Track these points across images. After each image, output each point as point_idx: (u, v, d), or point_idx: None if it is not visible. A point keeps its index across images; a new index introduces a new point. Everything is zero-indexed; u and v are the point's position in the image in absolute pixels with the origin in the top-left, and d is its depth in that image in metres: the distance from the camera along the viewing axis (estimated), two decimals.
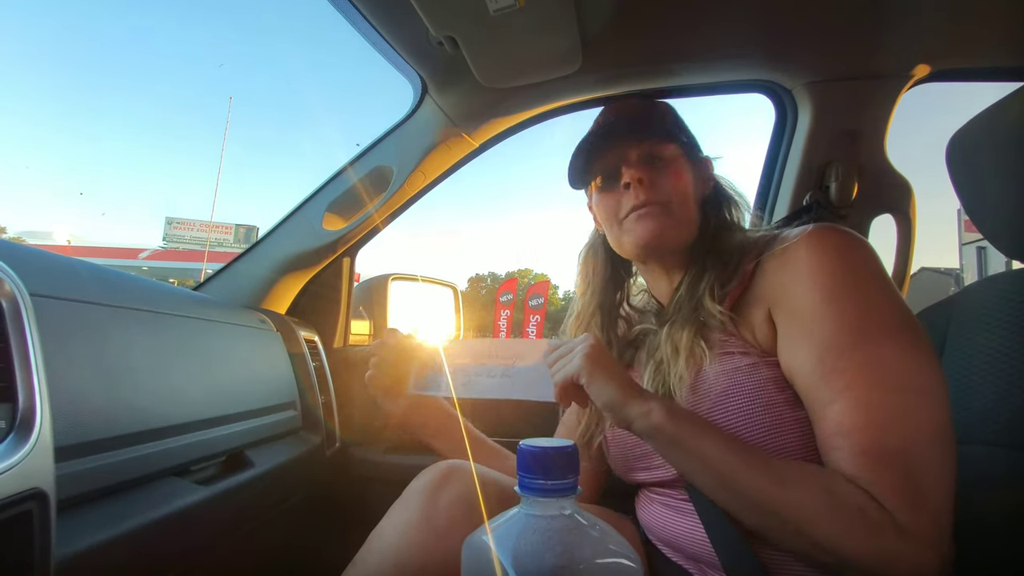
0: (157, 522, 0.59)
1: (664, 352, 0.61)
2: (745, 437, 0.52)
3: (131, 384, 0.63)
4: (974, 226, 0.70)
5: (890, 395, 0.46)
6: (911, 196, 1.02)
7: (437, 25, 0.79)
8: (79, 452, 0.54)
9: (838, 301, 0.50)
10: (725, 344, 0.56)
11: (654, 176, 0.64)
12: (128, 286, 0.71)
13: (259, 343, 0.99)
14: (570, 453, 0.29)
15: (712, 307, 0.57)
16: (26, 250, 0.60)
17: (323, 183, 1.16)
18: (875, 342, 0.48)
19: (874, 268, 0.52)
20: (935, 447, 0.45)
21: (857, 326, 0.48)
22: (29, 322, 0.45)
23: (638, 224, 0.64)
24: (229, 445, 0.79)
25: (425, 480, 0.59)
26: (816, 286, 0.51)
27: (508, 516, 0.29)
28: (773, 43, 0.93)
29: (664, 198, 0.64)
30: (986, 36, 0.89)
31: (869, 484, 0.44)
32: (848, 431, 0.46)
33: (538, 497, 0.28)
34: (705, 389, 0.55)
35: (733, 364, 0.55)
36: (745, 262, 0.59)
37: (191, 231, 23.88)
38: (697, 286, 0.61)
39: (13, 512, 0.42)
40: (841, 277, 0.50)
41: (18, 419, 0.43)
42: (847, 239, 0.53)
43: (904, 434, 0.45)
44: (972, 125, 0.69)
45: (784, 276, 0.54)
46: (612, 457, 0.70)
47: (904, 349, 0.47)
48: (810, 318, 0.50)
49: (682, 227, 0.65)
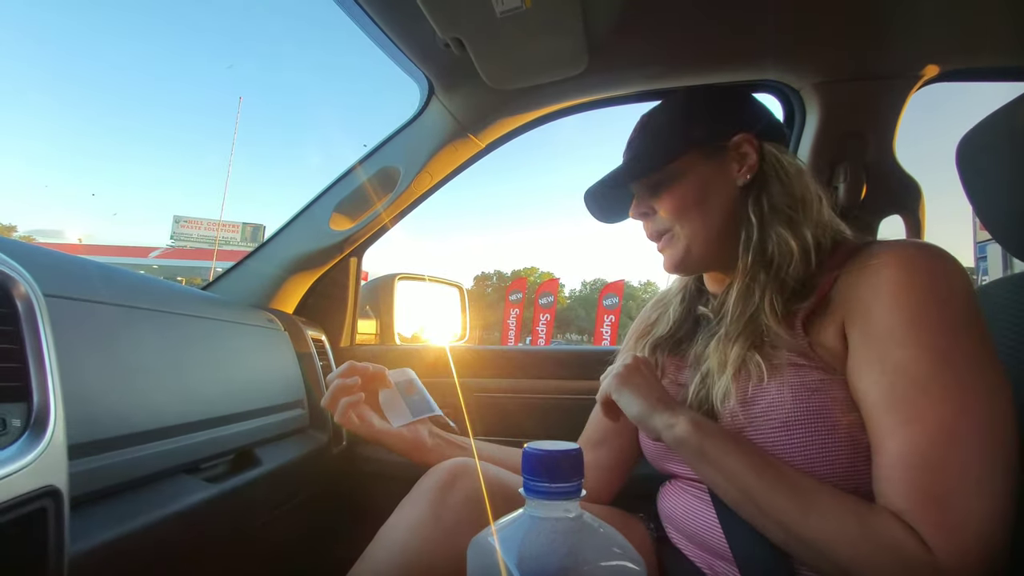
0: (168, 519, 0.60)
1: (711, 364, 0.58)
2: (800, 458, 0.50)
3: (142, 383, 0.64)
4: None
5: (959, 435, 0.43)
6: (920, 197, 1.01)
7: (444, 27, 0.79)
8: (92, 450, 0.55)
9: (921, 326, 0.46)
10: (792, 358, 0.53)
11: (657, 204, 0.64)
12: (139, 286, 0.72)
13: (267, 342, 1.00)
14: (575, 456, 0.29)
15: (777, 327, 0.53)
16: (40, 251, 0.62)
17: (331, 183, 1.17)
18: (954, 375, 0.45)
19: (964, 295, 0.47)
20: (995, 489, 0.42)
21: (938, 355, 0.45)
22: (43, 322, 0.46)
23: (663, 255, 0.66)
24: (238, 443, 0.80)
25: (434, 479, 0.60)
26: (899, 307, 0.47)
27: (513, 518, 0.30)
28: (781, 43, 0.92)
29: (667, 226, 0.63)
30: (996, 36, 0.88)
31: (917, 521, 0.42)
32: (906, 464, 0.44)
33: (543, 500, 0.28)
34: (765, 406, 0.52)
35: (799, 379, 0.51)
36: (821, 277, 0.54)
37: (198, 229, 24.08)
38: (749, 299, 0.57)
39: (28, 509, 0.42)
40: (927, 300, 0.47)
41: (33, 418, 0.44)
42: (940, 260, 0.49)
43: (966, 477, 0.42)
44: (982, 126, 0.68)
45: (864, 291, 0.50)
46: (646, 446, 0.70)
47: (982, 386, 0.44)
48: (888, 339, 0.47)
49: (706, 242, 0.61)
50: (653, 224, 0.64)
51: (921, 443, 0.44)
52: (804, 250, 0.55)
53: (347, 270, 1.30)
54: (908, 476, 0.44)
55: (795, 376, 0.51)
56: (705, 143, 0.62)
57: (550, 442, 0.31)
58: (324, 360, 1.15)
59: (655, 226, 0.64)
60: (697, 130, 0.63)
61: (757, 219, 0.59)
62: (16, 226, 36.61)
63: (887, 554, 0.42)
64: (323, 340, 1.21)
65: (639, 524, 0.69)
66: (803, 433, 0.50)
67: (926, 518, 0.42)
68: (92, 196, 59.76)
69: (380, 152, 1.13)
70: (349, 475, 1.18)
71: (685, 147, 0.62)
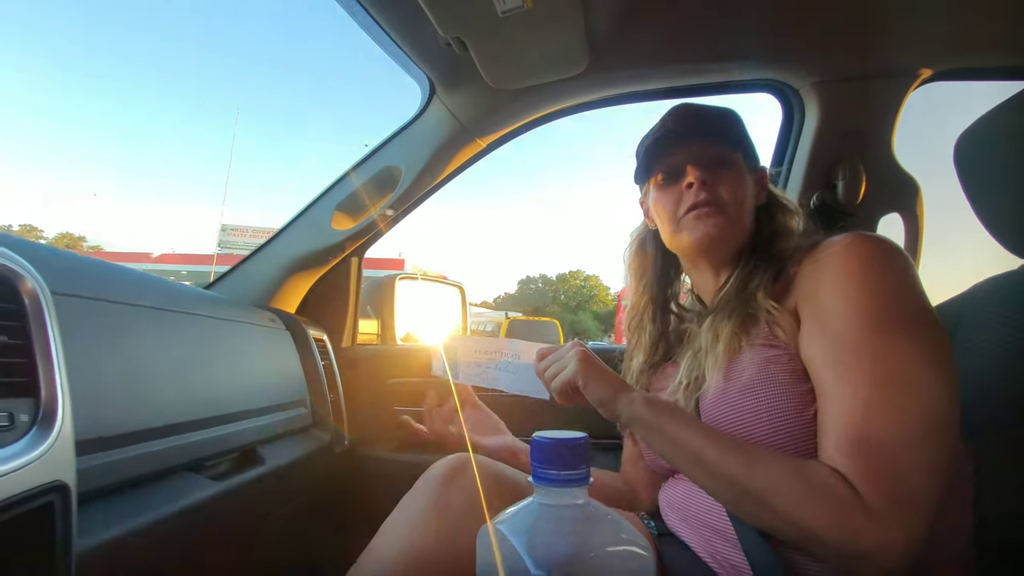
0: (173, 516, 0.60)
1: (704, 340, 0.63)
2: (768, 424, 0.54)
3: (148, 380, 0.64)
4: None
5: (885, 389, 0.48)
6: (919, 195, 1.02)
7: (445, 27, 0.80)
8: (99, 446, 0.55)
9: (855, 298, 0.52)
10: (765, 337, 0.59)
11: (716, 178, 0.66)
12: (144, 285, 0.73)
13: (270, 341, 1.00)
14: (581, 445, 0.29)
15: (764, 301, 0.60)
16: (47, 249, 0.62)
17: (332, 183, 1.17)
18: (882, 337, 0.49)
19: (900, 273, 0.53)
20: (922, 442, 0.46)
21: (868, 321, 0.50)
22: (51, 319, 0.46)
23: (697, 223, 0.66)
24: (241, 442, 0.80)
25: (437, 472, 0.61)
26: (839, 284, 0.54)
27: (522, 506, 0.30)
28: (780, 43, 0.93)
29: (724, 201, 0.66)
30: (993, 35, 0.89)
31: (846, 468, 0.47)
32: (838, 418, 0.49)
33: (551, 487, 0.29)
34: (736, 375, 0.58)
35: (768, 355, 0.57)
36: (791, 265, 0.62)
37: (244, 237, 24.33)
38: (749, 282, 0.63)
39: (37, 503, 0.43)
40: (862, 277, 0.53)
41: (40, 413, 0.44)
42: (878, 245, 0.55)
43: (891, 427, 0.47)
44: (980, 124, 0.69)
45: (814, 276, 0.57)
46: (643, 447, 0.73)
47: (911, 346, 0.49)
48: (828, 313, 0.53)
49: (737, 229, 0.67)
50: (707, 191, 0.65)
51: (853, 400, 0.48)
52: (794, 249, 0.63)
53: (348, 270, 1.30)
54: (841, 429, 0.48)
55: (761, 352, 0.57)
56: (748, 157, 0.70)
57: (558, 431, 0.31)
58: (326, 360, 1.15)
59: (709, 194, 0.65)
60: (746, 143, 0.71)
61: (768, 234, 0.68)
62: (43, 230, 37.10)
63: (820, 498, 0.46)
64: (324, 340, 1.21)
65: (639, 522, 0.69)
66: (756, 396, 0.55)
67: (855, 465, 0.46)
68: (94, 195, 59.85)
69: (381, 152, 1.13)
70: (352, 474, 1.18)
71: (743, 149, 0.69)
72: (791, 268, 0.61)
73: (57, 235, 38.50)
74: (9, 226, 36.18)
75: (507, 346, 0.74)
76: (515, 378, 0.72)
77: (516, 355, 0.73)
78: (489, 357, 0.75)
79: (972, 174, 0.71)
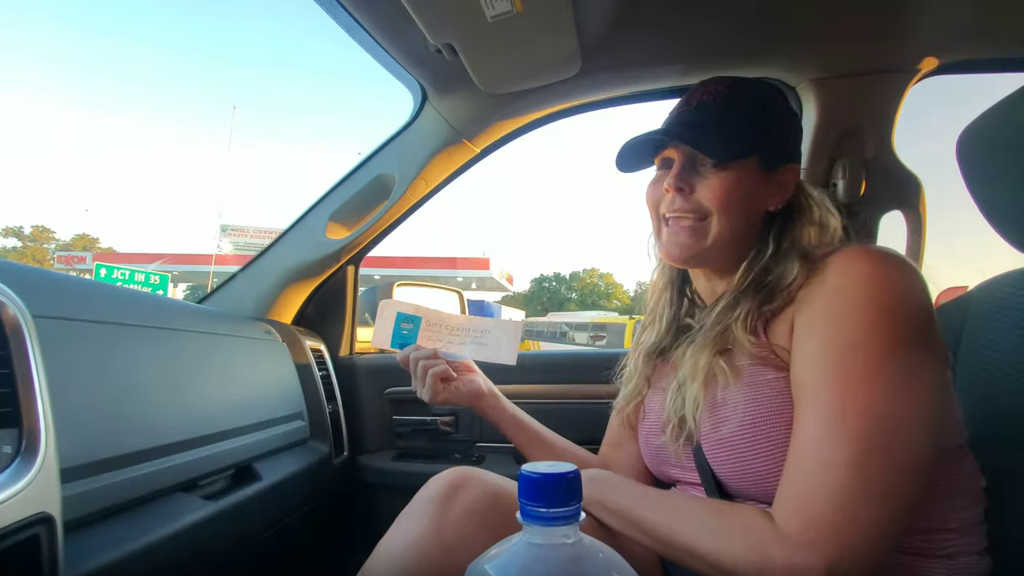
0: (165, 540, 0.59)
1: (685, 372, 0.60)
2: (763, 451, 0.52)
3: (138, 401, 0.63)
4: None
5: (844, 420, 0.45)
6: (920, 192, 1.00)
7: (435, 33, 0.79)
8: (87, 472, 0.54)
9: (840, 319, 0.49)
10: (754, 359, 0.55)
11: (701, 184, 0.59)
12: (132, 303, 0.72)
13: (265, 354, 0.99)
14: (571, 479, 0.28)
15: (742, 336, 0.55)
16: (27, 270, 0.61)
17: (325, 192, 1.16)
18: (847, 374, 0.47)
19: (898, 296, 0.49)
20: (860, 465, 0.44)
21: (846, 345, 0.48)
22: (32, 344, 0.45)
23: (670, 237, 0.61)
24: (237, 458, 0.79)
25: (434, 489, 0.57)
26: (828, 301, 0.51)
27: (510, 545, 0.29)
28: (776, 41, 0.91)
29: (706, 211, 0.59)
30: (996, 27, 0.87)
31: (779, 499, 0.47)
32: (794, 444, 0.48)
33: (540, 526, 0.27)
34: (731, 408, 0.54)
35: (762, 379, 0.54)
36: (793, 288, 0.56)
37: (244, 237, 23.97)
38: (730, 313, 0.58)
39: (21, 537, 0.42)
40: (853, 296, 0.49)
41: (23, 444, 0.43)
42: (879, 262, 0.50)
43: (833, 458, 0.45)
44: (983, 119, 0.67)
45: (810, 289, 0.53)
46: (646, 453, 0.70)
47: (885, 386, 0.46)
48: (812, 335, 0.50)
49: (720, 246, 0.60)
50: (686, 200, 0.59)
51: (810, 423, 0.47)
52: (803, 273, 0.55)
53: (344, 279, 1.29)
54: (789, 461, 0.48)
55: (753, 376, 0.54)
56: (766, 156, 0.60)
57: (546, 463, 0.30)
58: (323, 370, 1.14)
59: (688, 204, 0.59)
60: (767, 141, 0.61)
61: (775, 247, 0.60)
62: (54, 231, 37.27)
63: (738, 532, 0.47)
64: (322, 350, 1.20)
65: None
66: (757, 436, 0.52)
67: (786, 493, 0.47)
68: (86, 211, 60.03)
69: (375, 159, 1.12)
70: (352, 485, 1.17)
71: (753, 151, 0.59)
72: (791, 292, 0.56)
73: (74, 236, 38.72)
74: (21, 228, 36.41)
75: (476, 323, 0.77)
76: (481, 349, 0.76)
77: (484, 332, 0.77)
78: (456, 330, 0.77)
79: (975, 170, 0.69)
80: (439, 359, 0.74)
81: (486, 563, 0.28)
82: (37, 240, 35.91)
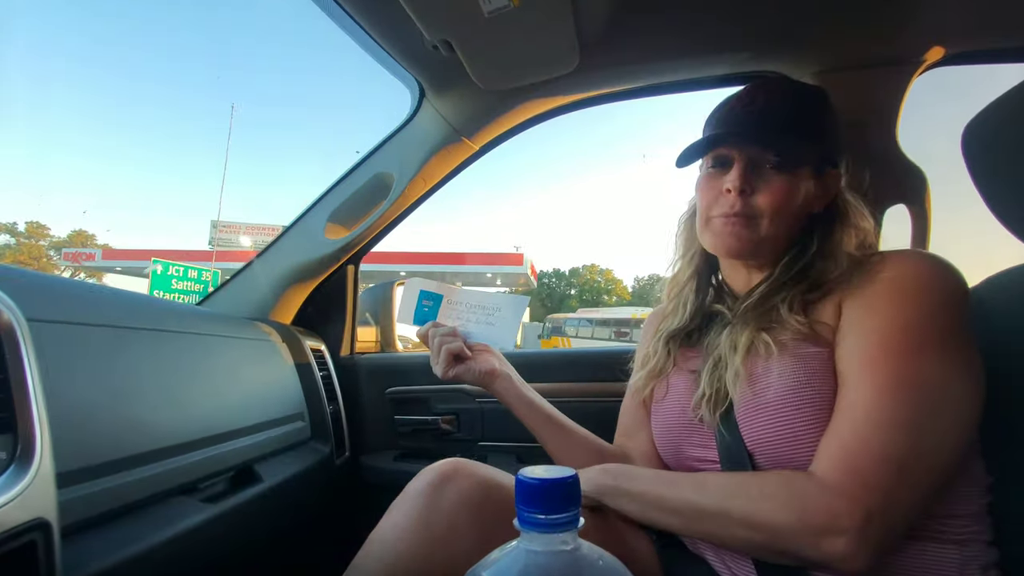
0: (165, 543, 0.59)
1: (723, 350, 0.61)
2: (800, 424, 0.53)
3: (136, 404, 0.63)
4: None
5: (892, 397, 0.48)
6: (926, 186, 0.99)
7: (431, 29, 0.78)
8: (84, 476, 0.54)
9: (898, 305, 0.52)
10: (797, 335, 0.57)
11: (762, 186, 0.61)
12: (129, 306, 0.71)
13: (265, 355, 0.99)
14: (570, 484, 0.27)
15: (787, 316, 0.58)
16: (20, 273, 0.60)
17: (324, 192, 1.16)
18: (906, 350, 0.49)
19: (948, 294, 0.52)
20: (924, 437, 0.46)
21: (899, 326, 0.51)
22: (27, 350, 0.45)
23: (723, 230, 0.63)
24: (237, 460, 0.79)
25: (424, 481, 0.57)
26: (887, 290, 0.53)
27: (506, 552, 0.28)
28: (776, 34, 0.90)
29: (759, 212, 0.61)
30: (1000, 15, 0.86)
31: (821, 455, 0.49)
32: (840, 410, 0.50)
33: (538, 532, 0.27)
34: (769, 381, 0.56)
35: (806, 351, 0.55)
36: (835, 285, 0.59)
37: (237, 234, 23.32)
38: (773, 296, 0.60)
39: (17, 543, 0.41)
40: (909, 286, 0.52)
41: (18, 449, 0.43)
42: (934, 264, 0.54)
43: (890, 416, 0.47)
44: (989, 111, 0.66)
45: (861, 280, 0.56)
46: (661, 440, 0.70)
47: (936, 366, 0.49)
48: (871, 314, 0.53)
49: (768, 242, 0.62)
50: (746, 201, 0.61)
51: (864, 387, 0.49)
52: (848, 270, 0.58)
53: (344, 279, 1.28)
54: (836, 422, 0.50)
55: (796, 350, 0.56)
56: (821, 162, 0.64)
57: (544, 467, 0.29)
58: (324, 370, 1.14)
59: (745, 205, 0.61)
60: (824, 147, 0.64)
61: (818, 247, 0.62)
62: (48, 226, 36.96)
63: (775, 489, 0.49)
64: (323, 350, 1.19)
65: (643, 537, 0.67)
66: (801, 400, 0.53)
67: (825, 448, 0.49)
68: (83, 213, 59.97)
69: (373, 158, 1.12)
70: (353, 485, 1.17)
71: (813, 157, 0.63)
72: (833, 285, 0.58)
73: (71, 232, 38.02)
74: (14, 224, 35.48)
75: (488, 299, 0.78)
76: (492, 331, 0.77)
77: (495, 310, 0.78)
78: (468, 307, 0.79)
79: (981, 162, 0.68)
80: (456, 336, 0.75)
81: (483, 571, 0.27)
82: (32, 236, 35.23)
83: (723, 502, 0.51)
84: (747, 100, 0.65)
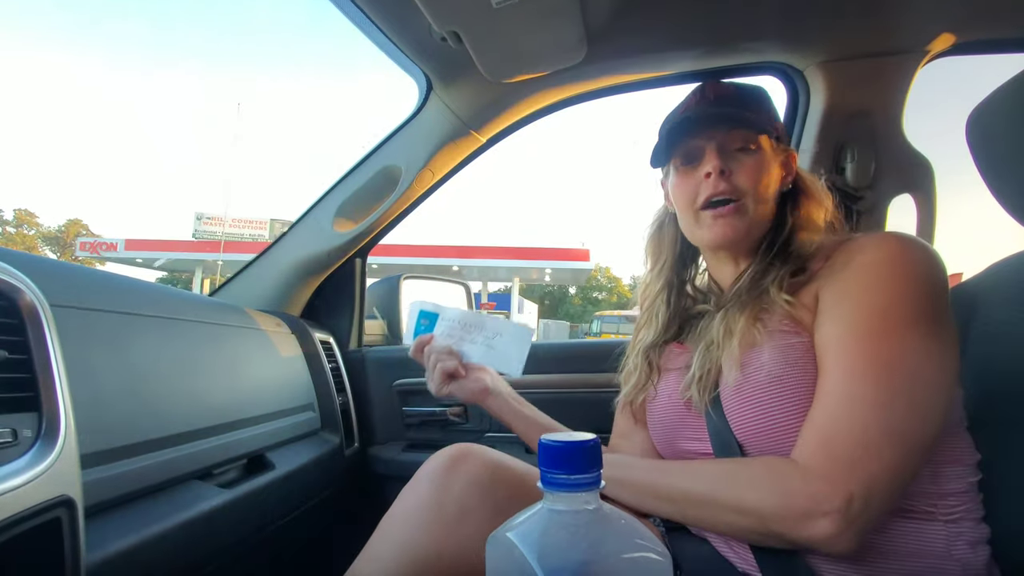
0: (183, 525, 0.60)
1: (716, 334, 0.62)
2: (787, 407, 0.54)
3: (153, 390, 0.64)
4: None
5: (863, 381, 0.49)
6: (931, 176, 0.99)
7: (440, 20, 0.78)
8: (104, 459, 0.55)
9: (870, 290, 0.53)
10: (783, 324, 0.58)
11: (737, 167, 0.63)
12: (146, 294, 0.72)
13: (275, 346, 1.00)
14: (592, 447, 0.28)
15: (778, 295, 0.59)
16: (45, 261, 0.62)
17: (332, 185, 1.17)
18: (879, 332, 0.50)
19: (925, 276, 0.53)
20: (896, 416, 0.47)
21: (877, 312, 0.51)
22: (50, 331, 0.46)
23: (715, 223, 0.64)
24: (250, 448, 0.80)
25: (435, 464, 0.58)
26: (859, 275, 0.54)
27: (532, 512, 0.29)
28: (783, 23, 0.90)
29: (742, 192, 0.63)
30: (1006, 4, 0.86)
31: (801, 442, 0.50)
32: (820, 395, 0.51)
33: (562, 492, 0.28)
34: (756, 367, 0.57)
35: (789, 342, 0.56)
36: (814, 263, 0.60)
37: (222, 227, 22.35)
38: (763, 278, 0.62)
39: (43, 519, 0.42)
40: (882, 271, 0.53)
41: (43, 428, 0.44)
42: (910, 246, 0.55)
43: (863, 398, 0.48)
44: (994, 98, 0.66)
45: (838, 265, 0.57)
46: (657, 433, 0.70)
47: (909, 347, 0.50)
48: (843, 300, 0.54)
49: (757, 224, 0.64)
50: (728, 183, 0.62)
51: (838, 373, 0.50)
52: (819, 247, 0.61)
53: (352, 272, 1.29)
54: (815, 408, 0.51)
55: (782, 339, 0.57)
56: (778, 141, 0.66)
57: (566, 433, 0.30)
58: (332, 362, 1.15)
59: (729, 185, 0.62)
60: (775, 124, 0.67)
61: (792, 222, 0.65)
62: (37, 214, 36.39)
63: (761, 476, 0.50)
64: (331, 342, 1.20)
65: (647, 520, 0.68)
66: (784, 387, 0.54)
67: (805, 435, 0.50)
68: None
69: (381, 151, 1.12)
70: (362, 476, 1.18)
71: (771, 135, 0.65)
72: (814, 265, 0.60)
73: (67, 221, 37.35)
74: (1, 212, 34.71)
75: (491, 323, 0.78)
76: (492, 354, 0.77)
77: (496, 335, 0.78)
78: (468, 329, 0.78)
79: (986, 151, 0.68)
80: (450, 355, 0.76)
81: (508, 531, 0.28)
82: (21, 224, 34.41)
83: (712, 489, 0.53)
84: (699, 97, 0.69)
